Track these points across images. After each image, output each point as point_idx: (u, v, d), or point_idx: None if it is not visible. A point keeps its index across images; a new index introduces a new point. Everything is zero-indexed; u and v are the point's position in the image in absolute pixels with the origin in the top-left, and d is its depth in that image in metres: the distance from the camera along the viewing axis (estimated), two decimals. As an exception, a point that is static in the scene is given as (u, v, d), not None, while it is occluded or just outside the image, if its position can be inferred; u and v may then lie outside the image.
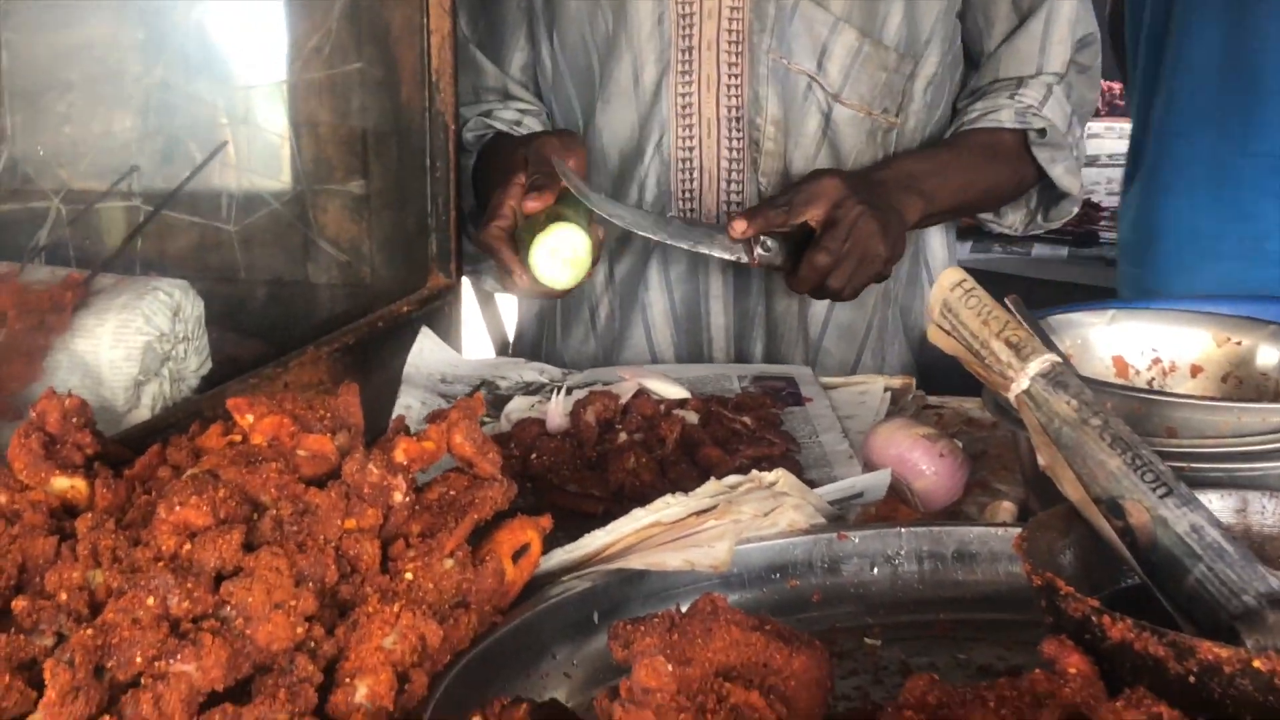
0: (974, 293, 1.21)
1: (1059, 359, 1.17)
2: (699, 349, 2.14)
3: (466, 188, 2.12)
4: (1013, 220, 2.26)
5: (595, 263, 1.76)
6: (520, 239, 1.75)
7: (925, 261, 2.27)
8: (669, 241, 1.86)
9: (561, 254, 1.72)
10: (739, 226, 1.83)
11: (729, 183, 2.09)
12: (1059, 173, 2.14)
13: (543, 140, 1.91)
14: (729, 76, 2.06)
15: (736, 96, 2.06)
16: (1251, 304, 2.04)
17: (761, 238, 1.85)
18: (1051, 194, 2.21)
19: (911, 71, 2.09)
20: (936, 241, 2.27)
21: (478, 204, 2.15)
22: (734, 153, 2.08)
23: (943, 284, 1.22)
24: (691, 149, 2.09)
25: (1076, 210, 2.26)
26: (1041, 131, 2.10)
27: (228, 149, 1.95)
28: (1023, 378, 1.16)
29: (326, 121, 1.96)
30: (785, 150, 2.08)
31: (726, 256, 1.87)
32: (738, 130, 2.07)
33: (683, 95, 2.06)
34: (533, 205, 1.78)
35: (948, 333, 1.23)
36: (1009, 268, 3.91)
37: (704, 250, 1.87)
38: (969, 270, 1.26)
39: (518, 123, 2.15)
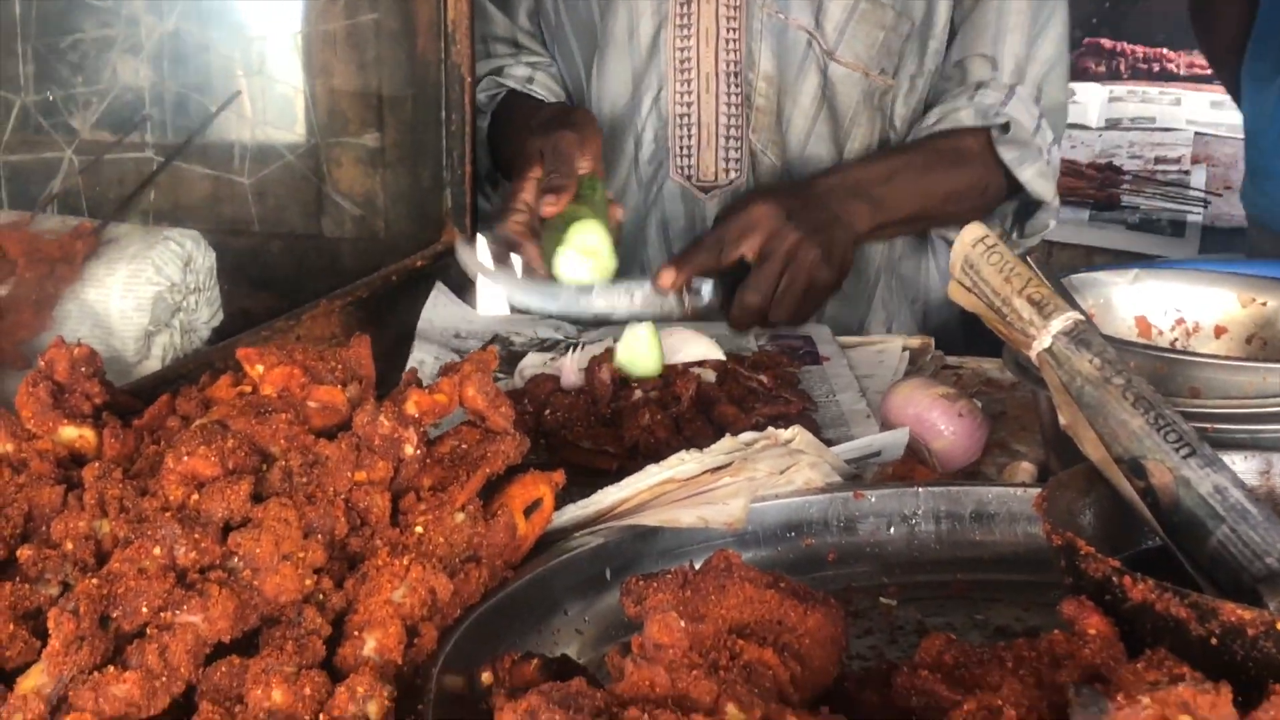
0: (996, 249, 1.19)
1: (1081, 317, 1.15)
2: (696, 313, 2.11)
3: (482, 148, 2.10)
4: None
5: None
6: (540, 234, 1.75)
7: (929, 234, 2.23)
8: (592, 316, 1.78)
9: (586, 256, 1.71)
10: (667, 278, 1.76)
11: (727, 139, 2.06)
12: (1029, 175, 2.05)
13: (559, 135, 1.84)
14: (728, 30, 2.02)
15: (735, 51, 2.01)
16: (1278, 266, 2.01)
17: (694, 283, 1.79)
18: (1026, 207, 2.14)
19: (909, 32, 2.05)
20: None
21: (494, 165, 2.13)
22: (733, 109, 2.04)
23: (964, 239, 1.20)
24: (690, 104, 2.05)
25: (1054, 223, 2.16)
26: (1005, 128, 2.03)
27: (241, 100, 1.93)
28: (1045, 335, 1.14)
29: (341, 73, 1.94)
30: (780, 108, 2.04)
31: (656, 315, 1.76)
32: (736, 86, 2.03)
33: (681, 49, 2.02)
34: (550, 210, 1.76)
35: (968, 289, 1.21)
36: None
37: (632, 315, 1.76)
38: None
39: (529, 79, 2.12)
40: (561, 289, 1.76)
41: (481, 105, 2.11)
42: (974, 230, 1.21)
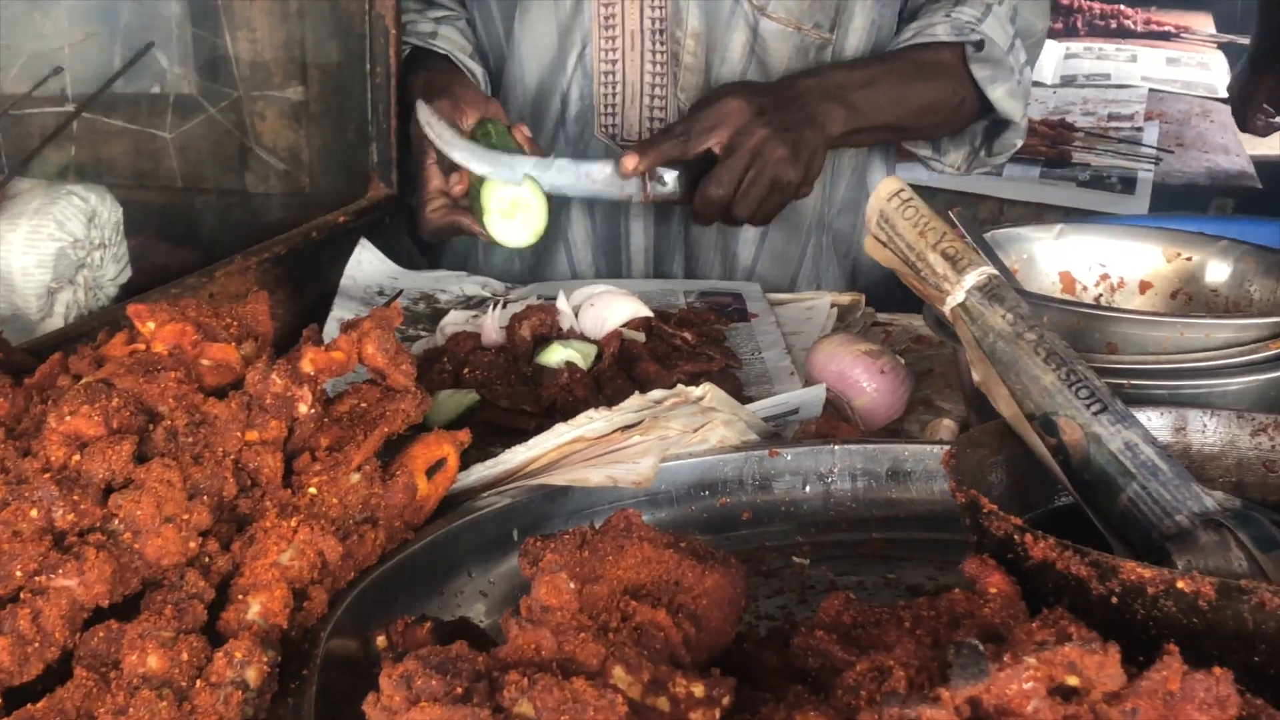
0: (911, 203, 1.17)
1: (995, 272, 1.13)
2: (618, 269, 2.08)
3: None
4: (955, 158, 2.15)
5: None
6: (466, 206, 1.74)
7: (867, 187, 2.20)
8: (552, 188, 1.76)
9: (509, 214, 1.68)
10: (630, 163, 1.75)
11: (652, 98, 2.02)
12: (999, 94, 2.04)
13: (435, 109, 1.83)
14: None
15: (660, 8, 1.98)
16: (1202, 221, 2.00)
17: (658, 170, 1.77)
18: (993, 127, 2.13)
19: None
20: (879, 165, 2.20)
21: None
22: (658, 66, 2.01)
23: (880, 194, 1.18)
24: (614, 62, 2.01)
25: (1021, 142, 2.15)
26: (979, 46, 2.02)
27: (162, 52, 1.89)
28: (958, 290, 1.12)
29: (264, 25, 1.90)
30: (708, 65, 2.01)
31: (615, 197, 1.78)
32: (661, 43, 2.00)
33: (605, 5, 1.99)
34: (460, 189, 1.77)
35: (884, 244, 1.19)
36: (979, 187, 3.85)
37: (591, 194, 1.78)
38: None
39: (433, 34, 2.08)
40: (520, 158, 1.76)
41: None
42: (889, 185, 1.18)
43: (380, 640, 0.96)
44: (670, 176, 1.77)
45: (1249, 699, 0.79)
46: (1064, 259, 1.47)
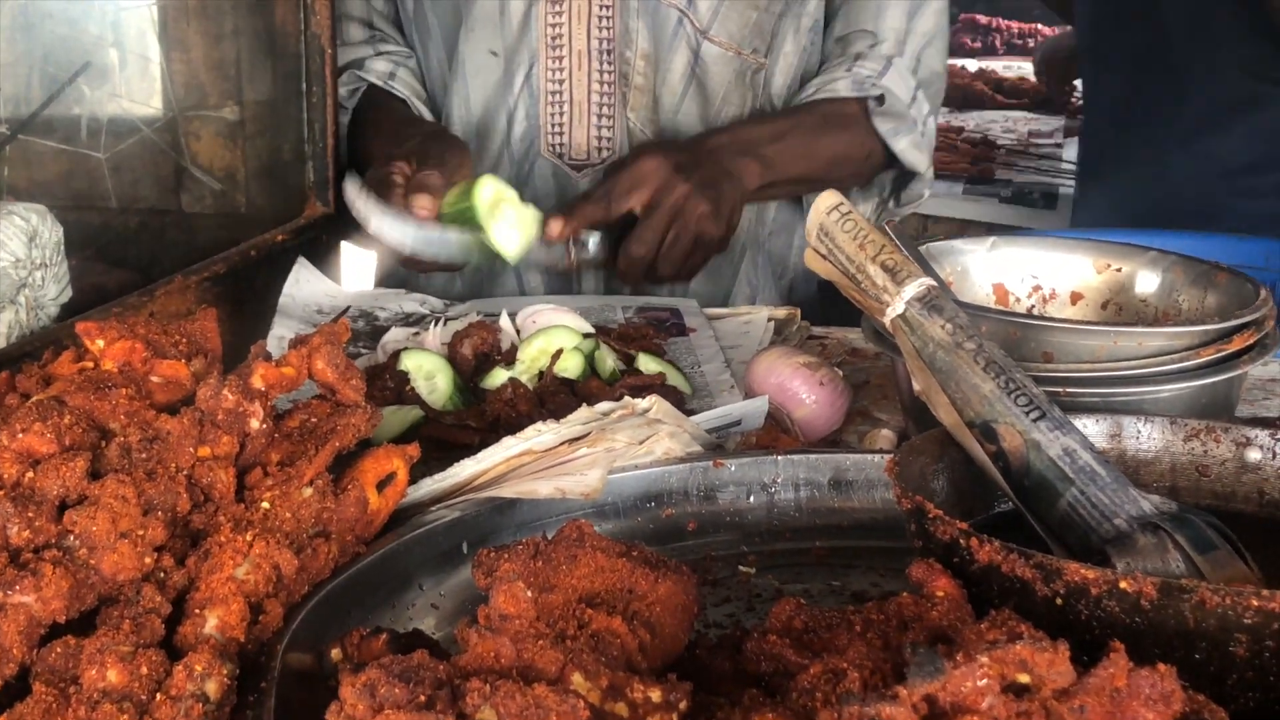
0: (850, 216, 1.19)
1: (934, 283, 1.16)
2: (568, 287, 2.10)
3: (343, 144, 2.06)
4: (864, 209, 2.17)
5: None
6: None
7: (802, 208, 2.23)
8: (478, 261, 1.74)
9: (517, 228, 1.69)
10: (555, 228, 1.74)
11: (599, 117, 2.04)
12: (903, 146, 2.08)
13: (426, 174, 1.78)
14: (600, 7, 2.00)
15: (608, 29, 2.00)
16: (1136, 234, 2.05)
17: (581, 235, 1.77)
18: (902, 177, 2.16)
19: (781, 10, 2.05)
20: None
21: (353, 166, 2.09)
22: (605, 86, 2.03)
23: (819, 207, 1.20)
24: (561, 81, 2.03)
25: (928, 193, 2.19)
26: (880, 100, 2.05)
27: (96, 73, 1.89)
28: (898, 302, 1.15)
29: (198, 45, 1.90)
30: (654, 86, 2.03)
31: (541, 262, 1.77)
32: (608, 63, 2.02)
33: (553, 25, 2.01)
34: (423, 214, 1.72)
35: (824, 257, 1.21)
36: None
37: (514, 261, 1.75)
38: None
39: (391, 74, 2.09)
40: (445, 231, 1.71)
41: (342, 100, 2.07)
42: (828, 198, 1.21)
43: (335, 653, 0.97)
44: (593, 240, 1.78)
45: (1192, 695, 0.82)
46: (997, 271, 1.50)
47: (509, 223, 1.69)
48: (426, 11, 2.09)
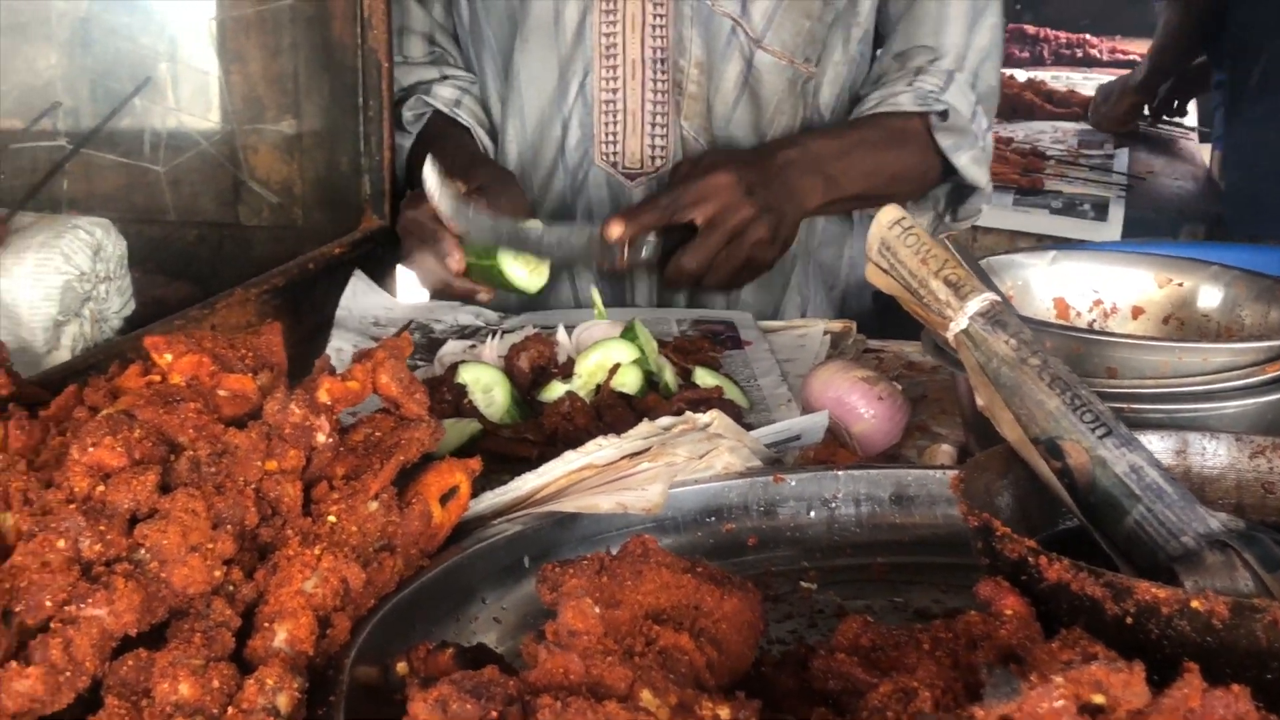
0: (912, 230, 1.19)
1: (998, 298, 1.15)
2: (622, 297, 2.11)
3: (402, 169, 2.08)
4: (920, 223, 2.17)
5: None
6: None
7: (851, 219, 2.23)
8: (534, 253, 1.77)
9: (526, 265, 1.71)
10: (615, 230, 1.75)
11: (653, 126, 2.05)
12: (964, 161, 2.08)
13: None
14: (654, 17, 2.01)
15: (661, 38, 2.01)
16: (1195, 248, 2.04)
17: (639, 237, 1.78)
18: (959, 191, 2.16)
19: (833, 20, 2.05)
20: None
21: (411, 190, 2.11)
22: (659, 95, 2.04)
23: (881, 222, 1.20)
24: (615, 91, 2.04)
25: (985, 207, 2.19)
26: (944, 115, 2.05)
27: (155, 87, 1.90)
28: (961, 317, 1.14)
29: (256, 59, 1.91)
30: (708, 94, 2.04)
31: (592, 262, 1.80)
32: (662, 72, 2.03)
33: (607, 35, 2.01)
34: (458, 266, 1.80)
35: (885, 271, 1.21)
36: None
37: (562, 258, 1.79)
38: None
39: (456, 102, 2.11)
40: (506, 222, 1.77)
41: (407, 123, 2.09)
42: (890, 213, 1.20)
43: (401, 666, 0.97)
44: (649, 244, 1.79)
45: (1265, 715, 0.81)
46: (1058, 285, 1.49)
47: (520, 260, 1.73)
48: (482, 23, 2.10)
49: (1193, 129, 4.85)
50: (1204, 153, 4.64)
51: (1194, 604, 0.89)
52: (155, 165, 1.89)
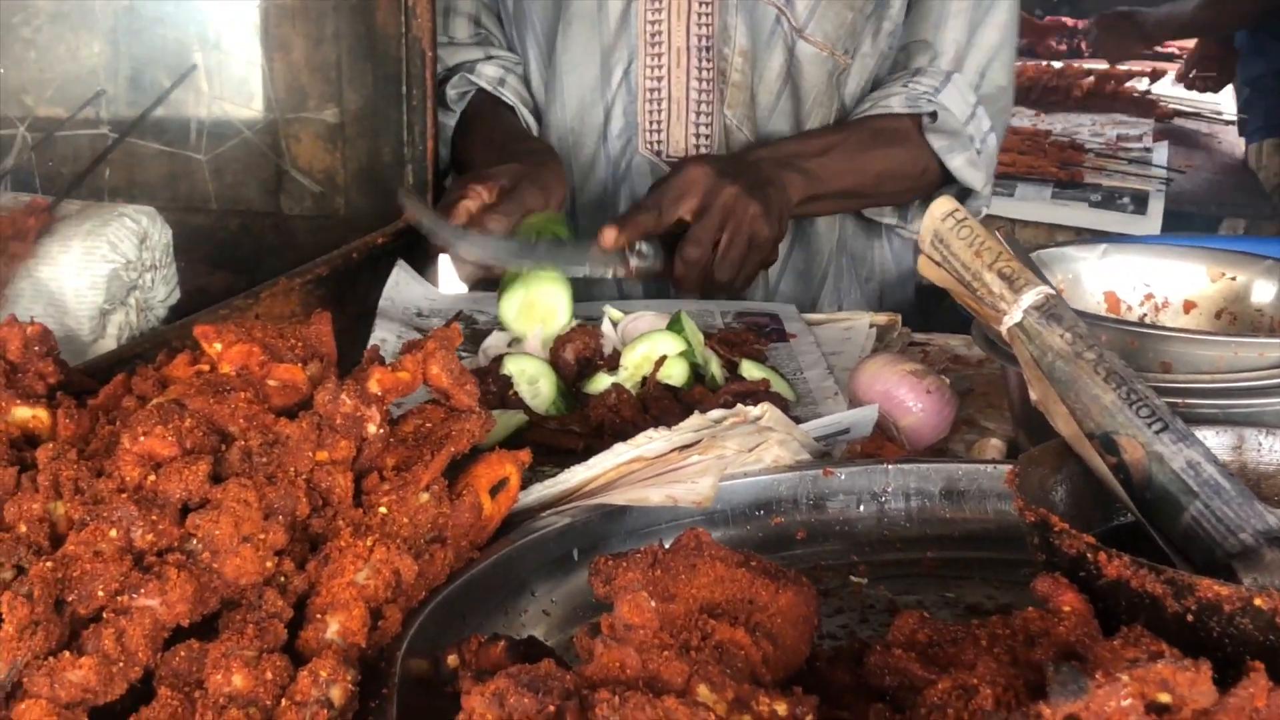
0: (966, 223, 1.18)
1: (1052, 291, 1.14)
2: (665, 289, 2.10)
3: (445, 145, 2.08)
4: (918, 225, 2.17)
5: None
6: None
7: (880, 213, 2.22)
8: (536, 268, 1.75)
9: (534, 309, 1.69)
10: (609, 236, 1.75)
11: (698, 114, 2.04)
12: (958, 164, 2.06)
13: (525, 191, 1.85)
14: (699, 4, 2.00)
15: (707, 25, 2.00)
16: (1246, 242, 2.01)
17: (637, 245, 1.77)
18: (961, 194, 2.13)
19: (871, 11, 2.04)
20: None
21: (455, 170, 2.10)
22: (704, 84, 2.03)
23: (934, 213, 1.19)
24: (660, 78, 2.03)
25: (986, 209, 2.17)
26: (934, 116, 2.04)
27: (198, 75, 1.90)
28: (1015, 310, 1.13)
29: (299, 47, 1.91)
30: (751, 84, 2.03)
31: (601, 273, 1.79)
32: (707, 60, 2.02)
33: (652, 22, 2.01)
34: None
35: (938, 264, 1.19)
36: (991, 207, 3.87)
37: (575, 273, 1.77)
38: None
39: (501, 80, 2.10)
40: (508, 243, 1.76)
41: (451, 100, 2.08)
42: (944, 205, 1.19)
43: (452, 659, 0.97)
44: (648, 249, 1.78)
45: (1331, 715, 0.80)
46: (1108, 279, 1.48)
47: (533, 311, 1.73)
48: (526, 8, 2.10)
49: (1231, 122, 4.81)
50: (1241, 146, 4.60)
51: (1257, 601, 0.88)
52: (197, 154, 1.89)
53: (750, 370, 1.55)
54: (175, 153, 1.91)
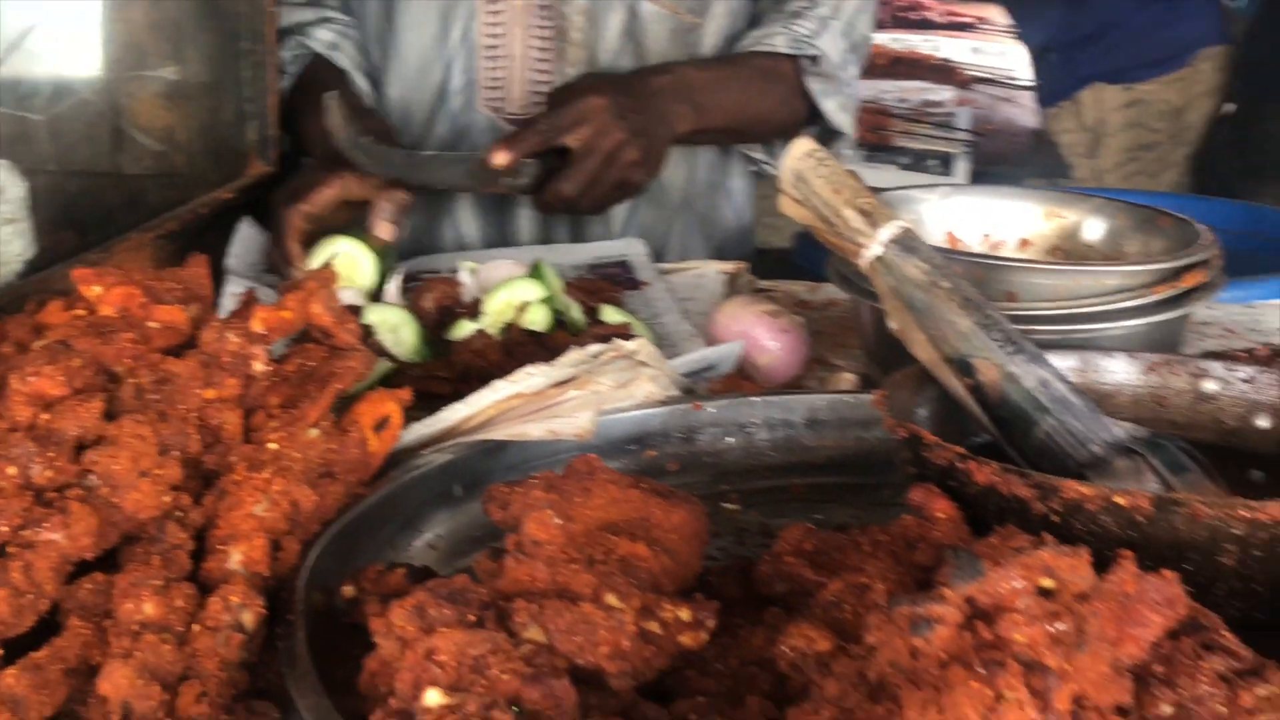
0: (825, 162, 1.23)
1: (908, 225, 1.20)
2: (504, 238, 2.12)
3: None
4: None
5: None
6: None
7: (722, 169, 2.27)
8: (416, 182, 1.80)
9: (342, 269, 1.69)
10: (501, 157, 1.78)
11: (537, 73, 2.06)
12: (831, 107, 2.13)
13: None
14: None
15: None
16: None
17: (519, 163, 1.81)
18: (823, 136, 2.20)
19: None
20: (736, 152, 2.27)
21: (292, 142, 2.08)
22: (543, 41, 2.05)
23: (794, 153, 1.23)
24: (500, 36, 2.05)
25: (850, 153, 2.24)
26: (815, 60, 2.10)
27: (33, 34, 1.86)
28: (874, 244, 1.18)
29: (139, 5, 1.88)
30: (591, 42, 2.05)
31: (474, 188, 1.87)
32: (546, 19, 2.04)
33: None
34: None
35: (799, 202, 1.24)
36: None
37: (447, 185, 1.85)
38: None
39: (334, 45, 2.09)
40: (398, 152, 1.80)
41: (284, 64, 2.06)
42: (803, 144, 1.24)
43: (347, 589, 0.99)
44: (529, 169, 1.81)
45: (1189, 601, 0.86)
46: (949, 219, 1.54)
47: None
48: None
49: (1030, 87, 4.98)
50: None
51: (1118, 499, 0.94)
52: (35, 115, 1.85)
53: (611, 315, 1.59)
54: (11, 114, 1.86)
